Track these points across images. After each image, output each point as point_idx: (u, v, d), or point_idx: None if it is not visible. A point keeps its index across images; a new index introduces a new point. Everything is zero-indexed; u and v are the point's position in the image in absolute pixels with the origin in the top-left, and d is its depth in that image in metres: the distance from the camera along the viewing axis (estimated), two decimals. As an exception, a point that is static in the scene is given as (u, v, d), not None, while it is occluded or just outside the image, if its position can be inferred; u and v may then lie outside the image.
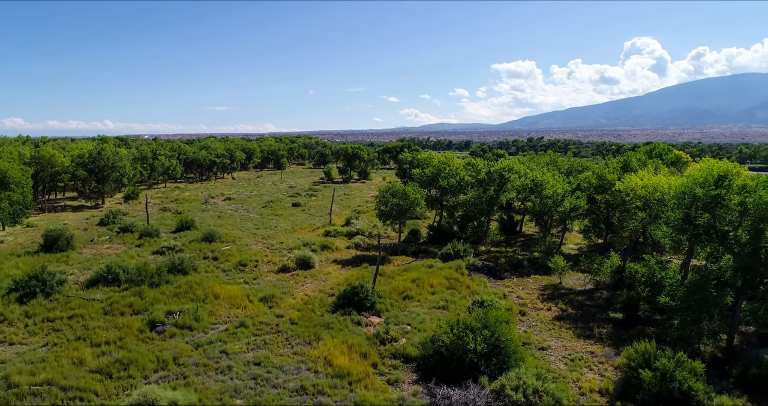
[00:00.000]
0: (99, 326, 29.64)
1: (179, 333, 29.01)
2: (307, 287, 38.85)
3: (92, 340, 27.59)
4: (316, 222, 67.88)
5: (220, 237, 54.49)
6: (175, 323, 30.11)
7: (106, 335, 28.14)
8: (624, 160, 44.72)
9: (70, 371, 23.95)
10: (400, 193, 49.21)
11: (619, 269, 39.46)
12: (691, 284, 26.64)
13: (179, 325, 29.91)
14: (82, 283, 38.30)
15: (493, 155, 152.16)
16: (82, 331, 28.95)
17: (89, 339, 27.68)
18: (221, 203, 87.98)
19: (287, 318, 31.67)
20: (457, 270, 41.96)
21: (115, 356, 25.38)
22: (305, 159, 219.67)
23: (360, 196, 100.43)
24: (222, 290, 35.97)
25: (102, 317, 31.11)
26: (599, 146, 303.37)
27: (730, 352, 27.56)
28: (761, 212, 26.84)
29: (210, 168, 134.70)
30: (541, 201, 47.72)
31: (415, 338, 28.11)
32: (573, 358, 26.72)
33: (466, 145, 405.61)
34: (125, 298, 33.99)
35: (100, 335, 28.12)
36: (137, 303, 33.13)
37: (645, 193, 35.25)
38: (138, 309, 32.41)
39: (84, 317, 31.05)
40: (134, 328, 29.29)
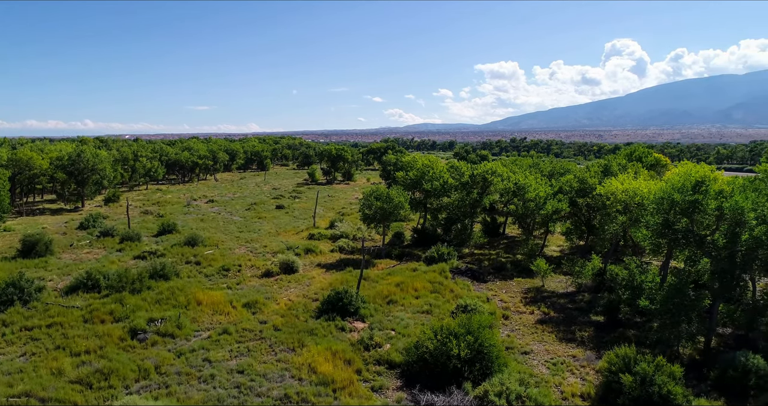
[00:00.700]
0: (79, 334, 29.18)
1: (161, 341, 28.69)
2: (291, 292, 38.70)
3: (72, 349, 27.16)
4: (300, 225, 67.64)
5: (203, 241, 54.02)
6: (156, 331, 29.76)
7: (86, 344, 27.72)
8: (605, 164, 45.37)
9: (49, 381, 23.56)
10: (384, 197, 49.26)
11: (600, 271, 39.94)
12: (670, 288, 27.08)
13: (161, 332, 29.57)
14: (62, 289, 37.67)
15: (477, 156, 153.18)
16: (61, 340, 28.47)
17: (69, 348, 27.25)
18: (204, 205, 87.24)
19: (271, 324, 31.51)
20: (441, 274, 42.13)
21: (96, 366, 25.02)
22: (289, 160, 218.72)
23: (344, 198, 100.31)
24: (205, 296, 35.66)
25: (82, 325, 30.62)
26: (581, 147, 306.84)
27: (708, 354, 28.06)
28: (737, 217, 27.36)
29: (192, 169, 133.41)
30: (524, 204, 48.15)
31: (399, 344, 28.17)
32: (555, 362, 27.00)
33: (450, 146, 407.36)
34: (106, 305, 33.51)
35: (79, 344, 27.68)
36: (118, 310, 32.69)
37: (625, 198, 35.80)
38: (119, 316, 31.96)
39: (63, 326, 30.53)
40: (115, 336, 28.88)
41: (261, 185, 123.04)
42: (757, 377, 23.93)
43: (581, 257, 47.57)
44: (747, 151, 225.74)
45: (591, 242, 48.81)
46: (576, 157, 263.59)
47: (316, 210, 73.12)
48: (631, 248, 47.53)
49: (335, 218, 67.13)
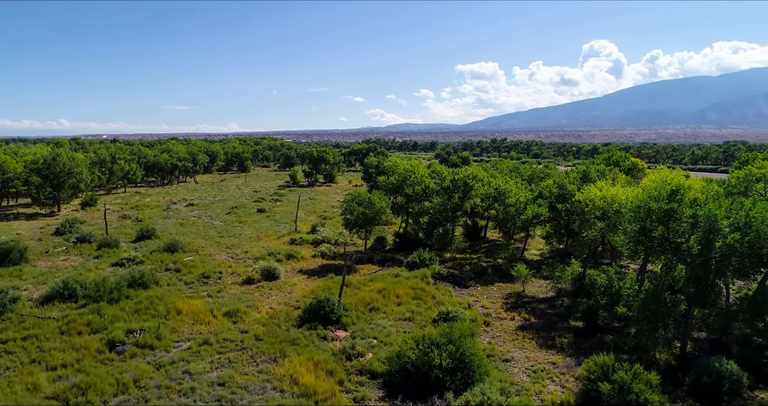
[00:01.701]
0: (55, 347, 28.64)
1: (140, 353, 28.31)
2: (273, 300, 38.49)
3: (48, 363, 26.65)
4: (282, 229, 67.28)
5: (183, 247, 53.39)
6: (135, 342, 29.35)
7: (63, 358, 27.22)
8: (584, 170, 46.05)
9: (23, 397, 23.11)
10: (365, 202, 49.27)
11: (579, 276, 40.49)
12: (647, 295, 27.60)
13: (140, 344, 29.17)
14: (37, 300, 36.90)
15: (458, 158, 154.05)
16: (36, 353, 27.92)
17: (44, 362, 26.73)
18: (183, 209, 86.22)
19: (252, 334, 31.30)
20: (423, 279, 42.29)
21: (73, 381, 24.58)
22: (270, 161, 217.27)
23: (326, 200, 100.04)
24: (185, 305, 35.27)
25: (58, 338, 30.04)
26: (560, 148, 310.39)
27: (684, 359, 28.66)
28: (711, 224, 27.99)
29: (172, 172, 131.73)
30: (504, 209, 48.58)
31: (381, 353, 28.21)
32: (536, 369, 27.31)
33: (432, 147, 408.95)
34: (83, 316, 32.93)
35: (56, 358, 27.17)
36: (96, 321, 32.13)
37: (603, 205, 36.39)
38: (96, 328, 31.43)
39: (39, 338, 29.92)
40: (92, 348, 28.41)
41: (242, 188, 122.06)
42: (731, 382, 24.52)
43: (561, 261, 48.20)
44: (720, 152, 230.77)
45: (570, 246, 49.48)
46: (555, 158, 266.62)
47: (298, 214, 72.80)
48: (610, 252, 48.28)
49: (317, 222, 66.91)
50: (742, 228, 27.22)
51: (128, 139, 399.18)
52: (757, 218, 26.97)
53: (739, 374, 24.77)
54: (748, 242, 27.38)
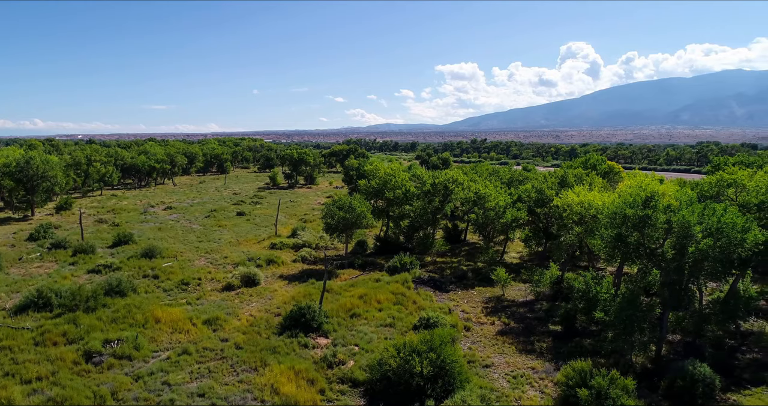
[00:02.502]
0: (29, 359, 28.07)
1: (118, 364, 27.90)
2: (253, 307, 38.25)
3: (22, 376, 26.11)
4: (262, 233, 66.84)
5: (161, 252, 52.72)
6: (113, 353, 28.91)
7: (38, 370, 26.70)
8: (561, 175, 46.73)
9: (-3, 413, 22.62)
10: (346, 207, 49.25)
11: (558, 279, 41.09)
12: (623, 300, 28.13)
13: (117, 355, 28.74)
14: (10, 309, 36.07)
15: (438, 159, 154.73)
16: (10, 366, 27.32)
17: (18, 375, 26.19)
18: (162, 212, 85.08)
19: (232, 342, 31.08)
20: (404, 284, 42.43)
21: (48, 394, 24.16)
22: (250, 162, 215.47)
23: (306, 203, 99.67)
24: (163, 313, 34.83)
25: (33, 349, 29.46)
26: (539, 148, 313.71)
27: (659, 362, 29.26)
28: (684, 230, 28.63)
29: (149, 174, 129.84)
30: (484, 213, 49.02)
31: (362, 361, 28.26)
32: (515, 375, 27.64)
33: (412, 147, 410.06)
34: (58, 326, 32.32)
35: (30, 370, 26.64)
36: (71, 331, 31.57)
37: (581, 210, 36.97)
38: (72, 338, 30.88)
39: (12, 349, 29.29)
40: (68, 360, 27.93)
41: (221, 190, 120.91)
42: (704, 385, 25.11)
43: (540, 264, 48.87)
44: (694, 153, 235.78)
45: (549, 249, 50.14)
46: (534, 159, 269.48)
47: (278, 217, 72.38)
48: (587, 255, 49.04)
49: (297, 226, 66.61)
50: (714, 234, 27.88)
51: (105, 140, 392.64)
52: (728, 223, 27.65)
53: (712, 377, 25.40)
54: (720, 247, 28.06)
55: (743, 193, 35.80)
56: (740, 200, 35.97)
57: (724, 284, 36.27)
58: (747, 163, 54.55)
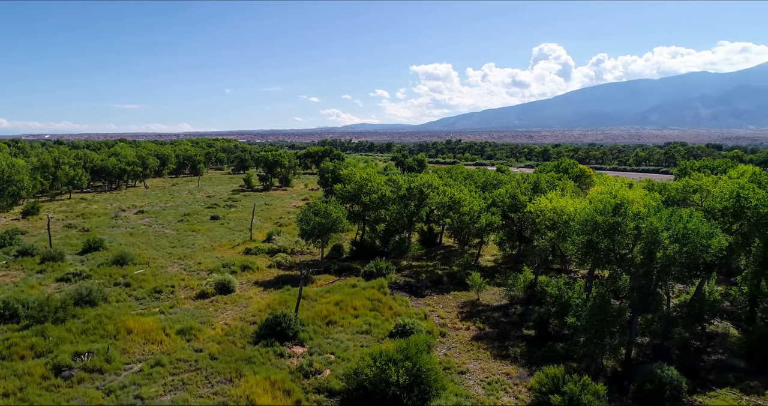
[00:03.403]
0: (-5, 374, 27.32)
1: (88, 378, 27.35)
2: (228, 315, 37.87)
3: (-12, 392, 25.41)
4: (236, 238, 66.16)
5: (133, 259, 51.77)
6: (83, 366, 28.33)
7: (4, 386, 26.00)
8: (534, 181, 47.50)
9: (-38, 432, 21.96)
10: (322, 212, 49.12)
11: (531, 283, 41.76)
12: (594, 306, 28.76)
13: (88, 368, 28.17)
14: (-25, 321, 35.00)
15: (414, 161, 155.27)
16: (-25, 382, 26.55)
17: (-16, 391, 25.47)
18: (133, 216, 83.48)
19: (207, 353, 30.75)
20: (380, 290, 42.53)
21: (16, 411, 23.55)
22: (224, 164, 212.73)
23: (282, 206, 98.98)
24: (135, 324, 34.23)
25: (-1, 363, 28.68)
26: (513, 149, 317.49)
27: (629, 365, 30.00)
28: (652, 236, 29.44)
29: (120, 176, 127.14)
30: (459, 218, 49.48)
31: (339, 370, 28.27)
32: (490, 381, 28.01)
33: (388, 148, 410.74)
34: (26, 338, 31.49)
35: (-4, 386, 25.93)
36: (40, 344, 30.80)
37: (553, 216, 37.65)
38: (41, 351, 30.15)
39: (-23, 365, 28.48)
40: (37, 374, 27.26)
41: (194, 192, 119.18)
42: (671, 387, 25.88)
43: (514, 267, 49.55)
44: (662, 154, 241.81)
45: (523, 252, 50.89)
46: (508, 159, 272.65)
47: (253, 221, 71.75)
48: (560, 258, 49.94)
49: (273, 230, 66.13)
50: (681, 239, 28.73)
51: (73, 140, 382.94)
52: (693, 230, 28.52)
53: (679, 379, 26.18)
54: (686, 253, 28.93)
55: (708, 199, 36.95)
56: (705, 205, 37.12)
57: (690, 287, 37.46)
58: (711, 167, 56.37)
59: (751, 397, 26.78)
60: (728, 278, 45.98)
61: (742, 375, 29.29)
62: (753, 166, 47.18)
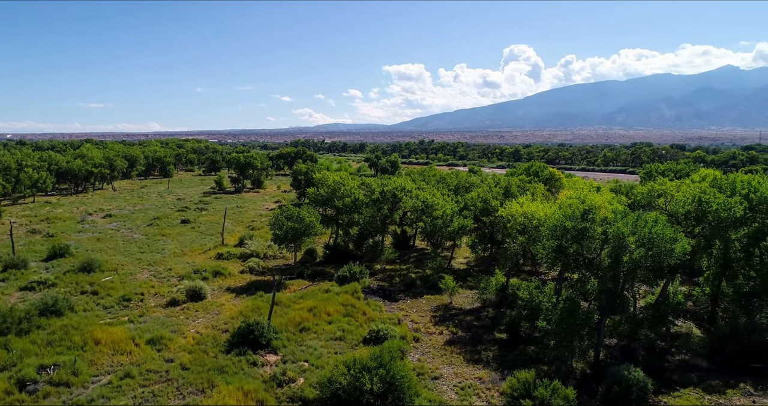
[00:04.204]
0: (-45, 390, 26.41)
1: (54, 392, 26.68)
2: (199, 323, 37.39)
3: (-53, 410, 24.59)
4: (208, 242, 65.27)
5: (101, 265, 50.62)
6: (49, 380, 27.60)
7: (-35, 402, 25.20)
8: (505, 186, 48.22)
9: None
10: (294, 217, 48.85)
11: (503, 286, 42.36)
12: (563, 310, 29.36)
13: (54, 382, 27.47)
14: (-68, 334, 33.74)
15: (387, 162, 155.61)
16: (-66, 399, 25.66)
17: (-56, 409, 24.64)
18: (100, 220, 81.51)
19: (178, 363, 30.32)
20: (353, 294, 42.57)
21: (-22, 430, 22.83)
22: (194, 165, 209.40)
23: (254, 208, 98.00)
24: (103, 334, 33.50)
25: (-41, 379, 27.71)
26: (485, 149, 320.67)
27: (598, 366, 30.73)
28: (619, 241, 30.23)
29: (87, 179, 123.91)
30: (431, 221, 49.89)
31: (312, 378, 28.22)
32: (463, 386, 28.35)
33: (361, 148, 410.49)
34: (-13, 351, 30.54)
35: (-43, 403, 25.11)
36: (3, 357, 29.89)
37: (524, 220, 38.31)
38: (4, 365, 29.27)
39: (-64, 380, 27.47)
40: (0, 390, 26.45)
41: (164, 195, 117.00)
42: (638, 389, 26.64)
43: (486, 269, 50.20)
44: (629, 155, 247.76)
45: (495, 255, 51.57)
46: (480, 160, 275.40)
47: (225, 224, 70.88)
48: (531, 260, 50.76)
49: (245, 234, 65.43)
50: (646, 244, 29.58)
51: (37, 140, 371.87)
52: (658, 234, 29.40)
53: (645, 380, 26.95)
54: (651, 257, 29.81)
55: (672, 203, 38.11)
56: (669, 209, 38.25)
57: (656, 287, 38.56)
58: (675, 170, 58.13)
59: (713, 396, 27.75)
60: (691, 277, 47.45)
61: (705, 375, 30.31)
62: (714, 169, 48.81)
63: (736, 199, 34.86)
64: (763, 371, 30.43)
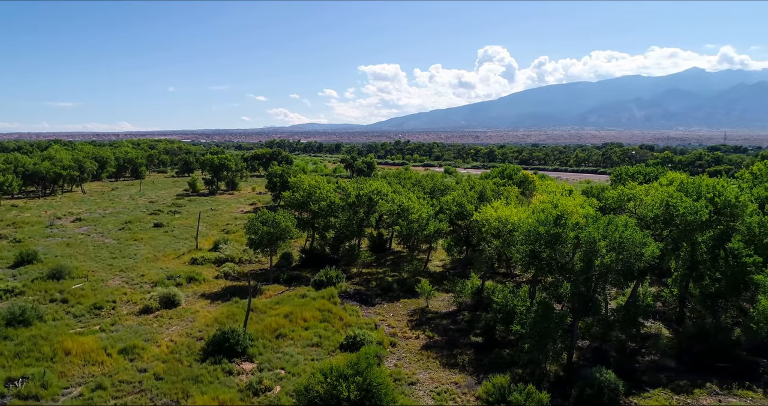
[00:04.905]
0: None
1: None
2: (173, 331, 36.88)
3: None
4: (181, 246, 64.36)
5: (70, 272, 49.44)
6: (17, 393, 26.95)
7: (-71, 419, 24.42)
8: (480, 190, 48.78)
9: None
10: (270, 221, 48.54)
11: (478, 289, 42.86)
12: (537, 315, 29.88)
13: (23, 395, 26.81)
14: None
15: (363, 163, 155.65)
16: None
17: None
18: (70, 225, 79.59)
19: (151, 373, 29.86)
20: (330, 299, 42.53)
21: (-58, 447, 22.14)
22: (167, 166, 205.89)
23: (228, 211, 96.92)
24: (74, 344, 32.78)
25: None
26: (460, 150, 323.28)
27: (571, 369, 31.32)
28: (591, 245, 30.91)
29: (55, 181, 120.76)
30: (407, 225, 50.14)
31: (289, 386, 28.13)
32: (440, 391, 28.59)
33: (337, 148, 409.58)
34: (-48, 365, 29.63)
35: None
36: (-32, 370, 29.06)
37: (498, 225, 38.84)
38: (-31, 378, 28.43)
39: None
40: (-35, 405, 25.73)
41: (136, 197, 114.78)
42: (609, 390, 27.25)
43: (462, 271, 50.66)
44: (600, 155, 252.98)
45: (470, 258, 52.10)
46: (456, 160, 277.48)
47: (199, 228, 69.93)
48: (506, 262, 51.42)
49: (219, 238, 64.70)
50: (617, 248, 30.31)
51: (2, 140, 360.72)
52: (628, 239, 30.15)
53: (616, 382, 27.57)
54: (622, 260, 30.56)
55: (641, 206, 39.10)
56: (639, 213, 39.27)
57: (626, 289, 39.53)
58: (644, 173, 59.66)
59: (681, 396, 28.56)
60: (660, 278, 48.71)
61: (673, 375, 31.16)
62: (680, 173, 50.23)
63: (701, 203, 36.02)
64: (729, 370, 31.44)
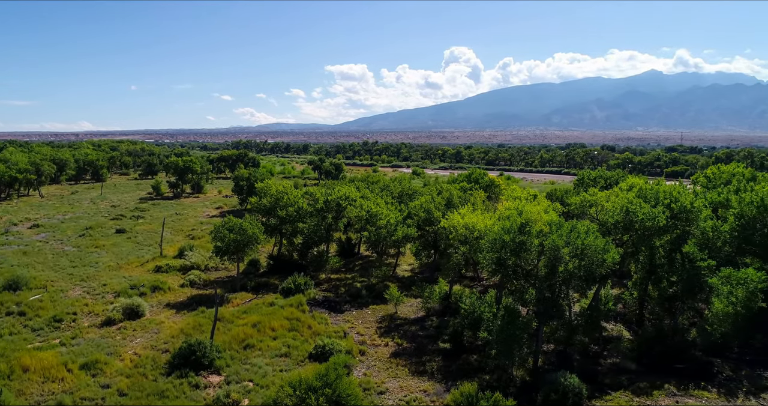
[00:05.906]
0: None
1: (-22, 428, 25.09)
2: (137, 343, 36.08)
3: None
4: (145, 253, 62.93)
5: (28, 282, 47.80)
6: (-28, 415, 25.94)
7: None
8: (448, 197, 49.33)
9: None
10: (237, 228, 47.95)
11: (446, 295, 43.32)
12: (503, 322, 30.44)
13: (-22, 416, 25.84)
14: None
15: (331, 165, 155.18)
16: None
17: None
18: (27, 231, 76.83)
19: (115, 388, 29.17)
20: (299, 307, 42.31)
21: None
22: (130, 168, 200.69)
23: (194, 215, 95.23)
24: (32, 360, 31.69)
25: None
26: (428, 151, 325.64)
27: (536, 374, 32.02)
28: (554, 252, 31.68)
29: (10, 185, 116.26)
30: (376, 231, 50.30)
31: (257, 399, 27.91)
32: (408, 400, 28.82)
33: (305, 149, 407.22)
34: None
35: None
36: None
37: (465, 232, 39.39)
38: None
39: None
40: None
41: (97, 202, 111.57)
42: (573, 394, 28.01)
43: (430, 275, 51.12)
44: (564, 156, 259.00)
45: (438, 263, 52.61)
46: (423, 161, 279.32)
47: (163, 234, 68.52)
48: (473, 267, 52.14)
49: (185, 245, 63.49)
50: (579, 255, 31.17)
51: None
52: (590, 246, 31.04)
53: (579, 386, 28.36)
54: (584, 267, 31.44)
55: (602, 212, 40.27)
56: (600, 218, 40.42)
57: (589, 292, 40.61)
58: (605, 177, 61.44)
59: (641, 398, 29.54)
60: (621, 279, 50.18)
61: (634, 377, 32.19)
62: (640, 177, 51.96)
63: (659, 209, 37.34)
64: (686, 371, 32.67)
